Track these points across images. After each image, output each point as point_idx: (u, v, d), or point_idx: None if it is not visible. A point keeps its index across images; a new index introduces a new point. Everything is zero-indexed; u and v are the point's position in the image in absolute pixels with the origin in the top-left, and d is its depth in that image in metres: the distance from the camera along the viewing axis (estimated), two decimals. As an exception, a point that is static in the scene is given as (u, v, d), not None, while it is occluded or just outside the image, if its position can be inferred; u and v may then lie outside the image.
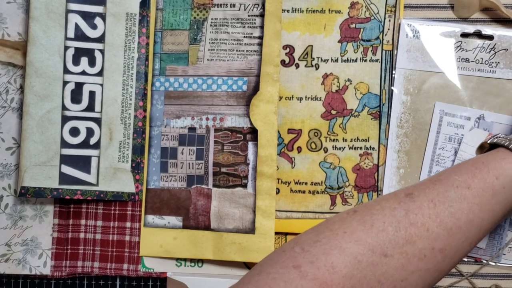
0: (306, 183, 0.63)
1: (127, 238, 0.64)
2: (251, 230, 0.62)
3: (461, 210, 0.42)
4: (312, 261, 0.39)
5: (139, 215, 0.64)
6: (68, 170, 0.62)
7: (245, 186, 0.63)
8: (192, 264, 0.65)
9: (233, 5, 0.63)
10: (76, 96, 0.62)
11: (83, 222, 0.64)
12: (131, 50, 0.63)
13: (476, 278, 0.63)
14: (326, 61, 0.63)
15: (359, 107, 0.63)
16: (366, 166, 0.63)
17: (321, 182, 0.63)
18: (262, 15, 0.63)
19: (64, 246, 0.64)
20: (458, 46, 0.62)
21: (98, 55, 0.62)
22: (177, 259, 0.64)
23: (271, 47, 0.62)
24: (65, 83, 0.62)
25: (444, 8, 0.63)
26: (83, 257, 0.64)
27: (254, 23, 0.63)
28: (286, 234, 0.64)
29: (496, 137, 0.49)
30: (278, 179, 0.63)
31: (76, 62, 0.62)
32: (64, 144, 0.62)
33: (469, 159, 0.47)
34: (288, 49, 0.63)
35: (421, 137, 0.62)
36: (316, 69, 0.63)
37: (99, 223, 0.64)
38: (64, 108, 0.62)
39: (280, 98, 0.63)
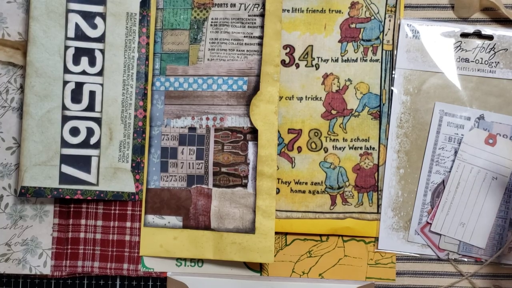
0: (306, 183, 0.63)
1: (127, 238, 0.64)
2: (251, 230, 0.62)
3: None
4: None
5: (139, 215, 0.64)
6: (68, 170, 0.62)
7: (245, 186, 0.63)
8: (192, 264, 0.65)
9: (233, 5, 0.63)
10: (76, 96, 0.62)
11: (83, 222, 0.64)
12: (131, 50, 0.63)
13: (476, 278, 0.63)
14: (326, 61, 0.63)
15: (359, 107, 0.63)
16: (366, 166, 0.63)
17: (321, 182, 0.63)
18: (262, 15, 0.63)
19: (64, 246, 0.64)
20: (457, 46, 0.62)
21: (98, 55, 0.62)
22: (177, 259, 0.64)
23: (271, 47, 0.62)
24: (65, 83, 0.62)
25: (444, 8, 0.63)
26: (83, 257, 0.64)
27: (254, 23, 0.63)
28: (286, 234, 0.64)
29: None
30: (278, 179, 0.63)
31: (76, 62, 0.62)
32: (64, 144, 0.62)
33: None
34: (288, 49, 0.63)
35: (421, 137, 0.63)
36: (316, 69, 0.63)
37: (99, 223, 0.64)
38: (64, 108, 0.62)
39: (280, 98, 0.63)
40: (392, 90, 0.63)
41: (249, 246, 0.61)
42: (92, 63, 0.62)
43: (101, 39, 0.62)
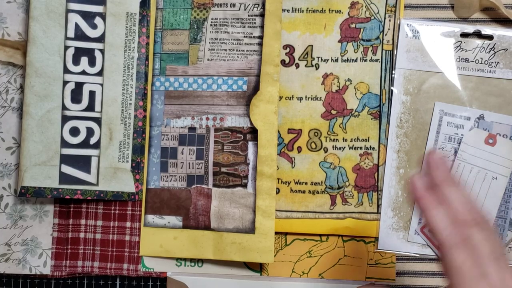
0: (306, 183, 0.63)
1: (127, 238, 0.64)
2: (251, 230, 0.62)
3: None
4: None
5: (139, 215, 0.64)
6: (68, 170, 0.62)
7: (245, 186, 0.63)
8: (192, 264, 0.65)
9: (233, 5, 0.63)
10: (76, 96, 0.62)
11: (83, 222, 0.64)
12: (131, 50, 0.63)
13: (476, 278, 0.63)
14: (326, 61, 0.63)
15: (359, 107, 0.63)
16: (366, 166, 0.63)
17: (321, 182, 0.63)
18: (262, 15, 0.63)
19: (64, 246, 0.64)
20: (457, 46, 0.62)
21: (98, 54, 0.62)
22: (177, 259, 0.64)
23: (271, 47, 0.62)
24: (65, 83, 0.62)
25: (444, 8, 0.63)
26: (83, 256, 0.64)
27: (254, 23, 0.63)
28: (286, 234, 0.64)
29: None
30: (278, 179, 0.63)
31: (76, 62, 0.62)
32: (64, 144, 0.62)
33: None
34: (288, 49, 0.63)
35: (421, 137, 0.63)
36: (316, 69, 0.63)
37: (99, 223, 0.64)
38: (64, 108, 0.62)
39: (280, 98, 0.63)
40: (392, 90, 0.63)
41: (249, 246, 0.61)
42: (92, 63, 0.62)
43: (101, 39, 0.62)
